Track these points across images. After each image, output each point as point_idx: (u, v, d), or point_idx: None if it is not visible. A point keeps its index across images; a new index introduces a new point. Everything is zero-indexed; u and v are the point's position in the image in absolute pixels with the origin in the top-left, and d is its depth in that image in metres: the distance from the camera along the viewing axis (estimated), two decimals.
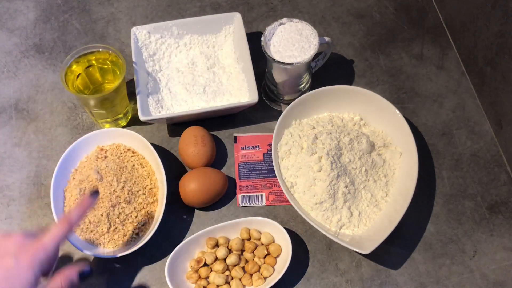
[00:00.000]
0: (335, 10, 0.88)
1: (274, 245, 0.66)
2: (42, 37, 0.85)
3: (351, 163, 0.67)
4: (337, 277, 0.67)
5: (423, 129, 0.77)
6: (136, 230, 0.67)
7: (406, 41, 0.85)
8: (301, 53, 0.68)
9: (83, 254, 0.67)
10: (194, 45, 0.80)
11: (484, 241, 0.69)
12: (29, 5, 0.88)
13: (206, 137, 0.71)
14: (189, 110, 0.74)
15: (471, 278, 0.67)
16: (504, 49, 0.70)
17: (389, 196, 0.69)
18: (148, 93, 0.74)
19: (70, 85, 0.70)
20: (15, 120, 0.78)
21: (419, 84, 0.81)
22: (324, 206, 0.66)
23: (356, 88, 0.73)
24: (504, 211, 0.71)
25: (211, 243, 0.66)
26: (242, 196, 0.72)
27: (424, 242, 0.69)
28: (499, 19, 0.70)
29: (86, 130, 0.76)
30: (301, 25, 0.70)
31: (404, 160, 0.70)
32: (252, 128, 0.77)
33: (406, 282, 0.66)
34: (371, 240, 0.64)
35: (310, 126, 0.71)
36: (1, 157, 0.74)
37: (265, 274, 0.65)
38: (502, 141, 0.75)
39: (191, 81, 0.77)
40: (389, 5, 0.89)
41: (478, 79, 0.79)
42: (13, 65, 0.82)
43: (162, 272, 0.63)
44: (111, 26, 0.86)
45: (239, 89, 0.75)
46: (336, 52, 0.84)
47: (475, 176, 0.74)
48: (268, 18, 0.87)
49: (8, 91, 0.80)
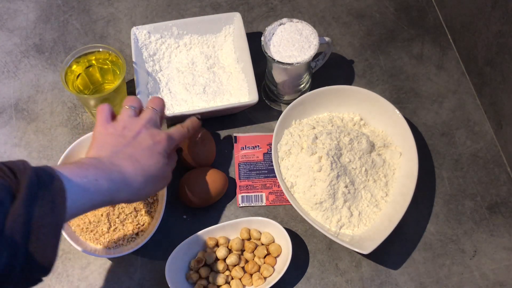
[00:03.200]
0: (335, 10, 0.88)
1: (274, 245, 0.66)
2: (42, 37, 0.85)
3: (351, 163, 0.67)
4: (337, 277, 0.67)
5: (423, 129, 0.77)
6: (136, 230, 0.67)
7: (406, 41, 0.85)
8: (301, 53, 0.68)
9: (83, 254, 0.67)
10: (194, 45, 0.80)
11: (484, 241, 0.69)
12: (29, 5, 0.88)
13: (206, 137, 0.71)
14: (189, 110, 0.74)
15: (471, 278, 0.67)
16: (504, 49, 0.70)
17: (389, 196, 0.69)
18: (148, 93, 0.74)
19: (70, 85, 0.70)
20: (15, 120, 0.78)
21: (419, 84, 0.81)
22: (324, 206, 0.66)
23: (356, 88, 0.73)
24: (504, 211, 0.71)
25: (211, 243, 0.66)
26: (242, 196, 0.72)
27: (424, 242, 0.69)
28: (499, 19, 0.70)
29: (86, 130, 0.76)
30: (301, 25, 0.70)
31: (404, 160, 0.70)
32: (252, 128, 0.77)
33: (406, 282, 0.66)
34: (371, 240, 0.64)
35: (310, 126, 0.71)
36: (1, 157, 0.74)
37: (265, 274, 0.65)
38: (502, 141, 0.75)
39: (191, 81, 0.77)
40: (389, 5, 0.89)
41: (478, 79, 0.79)
42: (13, 65, 0.82)
43: (162, 272, 0.63)
44: (111, 26, 0.86)
45: (239, 89, 0.75)
46: (336, 52, 0.84)
47: (475, 176, 0.74)
48: (268, 18, 0.87)
49: (8, 91, 0.80)
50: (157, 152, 0.57)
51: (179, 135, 0.62)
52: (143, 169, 0.55)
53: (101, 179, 0.50)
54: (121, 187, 0.53)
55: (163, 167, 0.58)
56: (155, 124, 0.60)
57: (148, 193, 0.58)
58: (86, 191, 0.49)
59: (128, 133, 0.57)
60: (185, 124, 0.65)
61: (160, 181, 0.59)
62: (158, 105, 0.62)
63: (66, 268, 0.67)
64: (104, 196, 0.51)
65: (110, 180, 0.51)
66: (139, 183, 0.55)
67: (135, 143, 0.57)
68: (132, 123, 0.58)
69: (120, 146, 0.56)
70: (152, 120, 0.60)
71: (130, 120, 0.59)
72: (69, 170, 0.48)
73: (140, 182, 0.55)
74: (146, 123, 0.59)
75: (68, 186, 0.46)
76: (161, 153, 0.58)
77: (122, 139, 0.57)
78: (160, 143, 0.58)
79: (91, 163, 0.52)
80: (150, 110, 0.61)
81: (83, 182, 0.48)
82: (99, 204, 0.51)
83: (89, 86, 0.73)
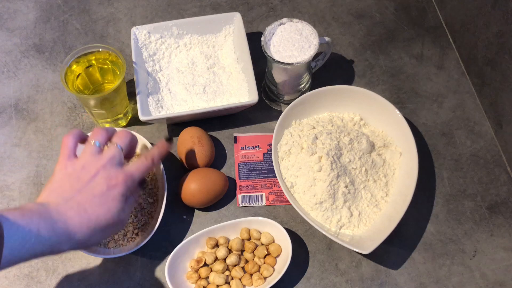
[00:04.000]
0: (335, 10, 0.88)
1: (274, 245, 0.66)
2: (42, 37, 0.85)
3: (351, 163, 0.67)
4: (337, 277, 0.67)
5: (423, 129, 0.77)
6: (136, 230, 0.67)
7: (406, 41, 0.85)
8: (301, 53, 0.68)
9: (83, 254, 0.67)
10: (194, 45, 0.80)
11: (484, 241, 0.69)
12: (29, 5, 0.88)
13: (203, 137, 0.71)
14: (189, 110, 0.74)
15: (471, 278, 0.67)
16: (504, 49, 0.70)
17: (389, 196, 0.69)
18: (148, 93, 0.74)
19: (70, 85, 0.70)
20: (15, 120, 0.78)
21: (419, 84, 0.81)
22: (324, 206, 0.66)
23: (356, 88, 0.73)
24: (504, 211, 0.71)
25: (211, 243, 0.66)
26: (242, 196, 0.72)
27: (424, 242, 0.69)
28: (499, 19, 0.70)
29: (86, 130, 0.76)
30: (301, 25, 0.70)
31: (404, 160, 0.70)
32: (252, 128, 0.77)
33: (406, 282, 0.66)
34: (371, 240, 0.64)
35: (310, 126, 0.71)
36: (1, 157, 0.74)
37: (265, 274, 0.65)
38: (502, 141, 0.75)
39: (191, 81, 0.77)
40: (389, 5, 0.89)
41: (478, 79, 0.79)
42: (13, 65, 0.82)
43: (162, 272, 0.63)
44: (111, 26, 0.86)
45: (239, 89, 0.75)
46: (336, 52, 0.84)
47: (475, 176, 0.74)
48: (268, 18, 0.87)
49: (8, 91, 0.80)
50: (110, 199, 0.55)
51: (141, 170, 0.59)
52: (89, 219, 0.53)
53: (43, 230, 0.49)
54: (63, 239, 0.51)
55: (116, 213, 0.55)
56: (117, 163, 0.57)
57: (96, 242, 0.56)
58: (25, 241, 0.48)
59: (85, 176, 0.55)
60: (149, 154, 0.61)
61: (110, 229, 0.56)
62: (124, 142, 0.59)
63: (66, 268, 0.67)
64: (44, 247, 0.50)
65: (52, 231, 0.50)
66: (83, 234, 0.53)
67: (87, 189, 0.54)
68: (91, 163, 0.56)
69: (73, 191, 0.54)
70: (114, 159, 0.57)
71: (91, 158, 0.57)
72: (13, 217, 0.47)
73: (85, 234, 0.53)
74: (106, 163, 0.56)
75: (8, 234, 0.45)
76: (116, 198, 0.55)
77: (76, 182, 0.55)
78: (115, 187, 0.55)
79: (37, 211, 0.50)
80: (113, 147, 0.58)
81: (24, 232, 0.47)
82: (38, 254, 0.50)
83: (89, 86, 0.73)
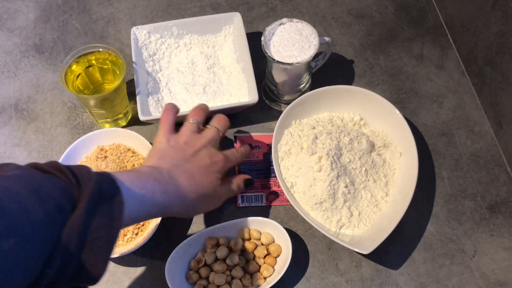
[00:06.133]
0: (335, 10, 0.88)
1: (274, 245, 0.66)
2: (42, 37, 0.85)
3: (351, 163, 0.67)
4: (337, 277, 0.67)
5: (423, 129, 0.77)
6: (136, 230, 0.67)
7: (406, 41, 0.85)
8: (301, 53, 0.68)
9: None
10: (194, 45, 0.80)
11: (484, 241, 0.69)
12: (29, 5, 0.88)
13: None
14: (189, 110, 0.74)
15: (471, 278, 0.67)
16: (504, 49, 0.70)
17: (389, 196, 0.69)
18: (148, 93, 0.74)
19: (70, 85, 0.70)
20: (15, 120, 0.78)
21: (419, 84, 0.81)
22: (324, 206, 0.66)
23: (356, 88, 0.73)
24: (504, 211, 0.71)
25: (211, 243, 0.66)
26: (242, 196, 0.72)
27: (424, 242, 0.69)
28: (499, 19, 0.70)
29: (86, 130, 0.76)
30: (301, 25, 0.70)
31: (404, 160, 0.70)
32: (252, 128, 0.77)
33: (406, 282, 0.66)
34: (371, 240, 0.64)
35: (310, 126, 0.71)
36: (1, 157, 0.74)
37: (265, 274, 0.65)
38: (502, 141, 0.75)
39: (191, 81, 0.77)
40: (389, 5, 0.89)
41: (478, 79, 0.79)
42: (13, 65, 0.82)
43: (162, 272, 0.63)
44: (111, 26, 0.86)
45: (239, 89, 0.75)
46: (336, 52, 0.84)
47: (475, 176, 0.74)
48: (268, 18, 0.87)
49: (8, 91, 0.80)
50: (212, 172, 0.59)
51: (234, 159, 0.64)
52: (197, 186, 0.57)
53: (158, 192, 0.52)
54: (175, 201, 0.54)
55: (216, 187, 0.59)
56: (215, 144, 0.62)
57: (199, 210, 0.60)
58: (142, 203, 0.50)
59: (189, 150, 0.59)
60: (239, 149, 0.66)
61: (211, 200, 0.60)
62: (222, 126, 0.64)
63: None
64: (159, 208, 0.53)
65: (166, 194, 0.53)
66: (192, 199, 0.56)
67: (193, 160, 0.58)
68: (194, 140, 0.60)
69: (180, 160, 0.57)
70: (213, 140, 0.61)
71: (192, 136, 0.60)
72: (130, 181, 0.49)
73: (193, 199, 0.56)
74: (207, 142, 0.60)
75: (127, 197, 0.47)
76: (216, 173, 0.60)
77: (182, 154, 0.58)
78: (217, 164, 0.60)
79: (151, 174, 0.53)
80: (213, 129, 0.63)
81: (141, 194, 0.50)
82: (153, 215, 0.53)
83: (89, 86, 0.73)
